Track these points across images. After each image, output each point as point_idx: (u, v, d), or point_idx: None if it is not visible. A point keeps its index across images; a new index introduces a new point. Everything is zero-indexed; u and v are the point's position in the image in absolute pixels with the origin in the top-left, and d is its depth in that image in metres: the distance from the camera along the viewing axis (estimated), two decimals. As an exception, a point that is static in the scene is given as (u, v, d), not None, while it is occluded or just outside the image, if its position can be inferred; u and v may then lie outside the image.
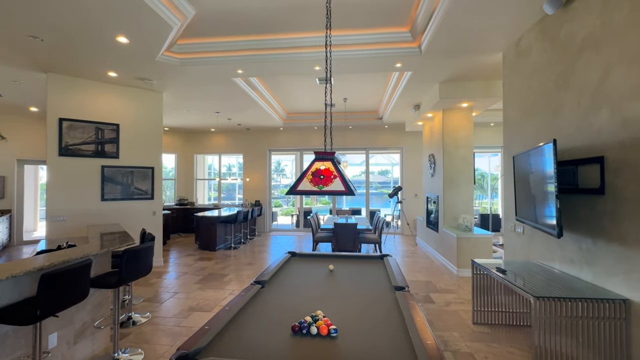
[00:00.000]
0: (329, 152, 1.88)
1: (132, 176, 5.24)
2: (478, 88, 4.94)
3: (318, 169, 1.86)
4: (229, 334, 1.59)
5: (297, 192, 1.79)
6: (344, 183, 1.75)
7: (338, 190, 1.74)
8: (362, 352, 1.39)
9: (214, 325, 1.61)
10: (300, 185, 1.81)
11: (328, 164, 1.87)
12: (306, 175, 1.84)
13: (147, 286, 4.41)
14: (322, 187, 1.78)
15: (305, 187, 1.79)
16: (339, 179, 1.78)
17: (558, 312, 2.13)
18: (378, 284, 2.37)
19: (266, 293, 2.19)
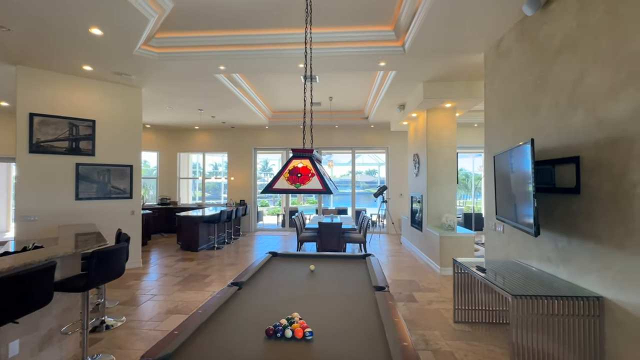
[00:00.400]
0: (307, 150, 1.83)
1: (109, 174, 5.05)
2: (461, 88, 4.99)
3: (295, 166, 1.81)
4: (201, 338, 1.52)
5: (273, 191, 1.73)
6: (321, 181, 1.71)
7: (316, 189, 1.69)
8: (337, 356, 1.35)
9: (183, 330, 1.53)
10: (276, 183, 1.75)
11: (306, 161, 1.82)
12: (283, 174, 1.78)
13: (123, 288, 4.25)
14: (299, 186, 1.72)
15: (281, 186, 1.74)
16: (316, 177, 1.73)
17: (535, 310, 2.15)
18: (359, 285, 2.34)
19: (243, 295, 2.12)
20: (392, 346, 1.38)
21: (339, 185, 17.63)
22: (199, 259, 5.97)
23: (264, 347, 1.44)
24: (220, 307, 1.87)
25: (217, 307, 1.84)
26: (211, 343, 1.47)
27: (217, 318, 1.74)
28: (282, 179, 1.76)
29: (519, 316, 2.15)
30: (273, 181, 1.76)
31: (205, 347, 1.43)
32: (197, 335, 1.54)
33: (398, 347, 1.36)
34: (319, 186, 1.69)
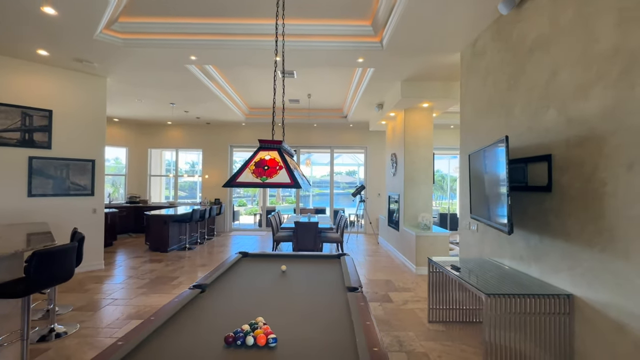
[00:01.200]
0: (275, 141, 1.70)
1: (68, 169, 4.67)
2: (438, 88, 5.01)
3: (262, 159, 1.67)
4: (150, 348, 1.35)
5: (237, 185, 1.59)
6: (289, 174, 1.58)
7: (283, 182, 1.57)
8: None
9: (130, 339, 1.36)
10: (240, 176, 1.60)
11: (274, 153, 1.69)
12: (248, 166, 1.64)
13: (80, 292, 3.92)
14: (266, 179, 1.59)
15: (246, 179, 1.59)
16: (284, 170, 1.60)
17: (508, 308, 2.13)
18: (331, 286, 2.23)
19: (205, 299, 1.95)
20: (361, 352, 1.27)
21: (319, 185, 17.52)
22: (168, 260, 5.66)
23: (222, 356, 1.29)
24: (177, 312, 1.70)
25: (173, 313, 1.67)
26: (160, 354, 1.30)
27: (172, 325, 1.57)
28: (247, 172, 1.61)
29: (492, 315, 2.12)
30: (237, 174, 1.62)
31: (155, 358, 1.26)
32: (144, 345, 1.37)
33: (367, 352, 1.26)
34: (287, 179, 1.56)
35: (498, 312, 2.12)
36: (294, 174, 1.60)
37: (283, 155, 1.68)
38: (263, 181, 1.58)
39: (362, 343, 1.35)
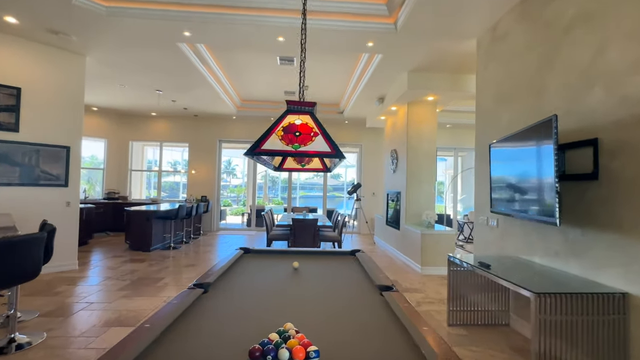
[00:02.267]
0: (306, 103, 1.37)
1: (39, 156, 4.13)
2: (445, 81, 4.82)
3: (292, 123, 1.33)
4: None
5: (262, 152, 1.24)
6: (328, 142, 1.25)
7: (322, 151, 1.24)
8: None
9: (118, 356, 0.98)
10: (266, 142, 1.26)
11: (306, 118, 1.36)
12: (275, 131, 1.29)
13: (49, 296, 3.41)
14: (299, 147, 1.25)
15: (273, 146, 1.25)
16: (321, 137, 1.27)
17: (558, 309, 1.87)
18: (357, 285, 1.90)
19: (210, 300, 1.58)
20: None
21: (304, 188, 17.12)
22: (151, 259, 5.16)
23: (249, 378, 0.94)
24: (178, 317, 1.33)
25: (174, 318, 1.30)
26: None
27: (174, 333, 1.20)
28: (274, 138, 1.27)
29: (541, 317, 1.85)
30: (261, 139, 1.27)
31: (154, 385, 0.90)
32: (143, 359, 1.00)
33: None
34: (326, 147, 1.23)
35: (548, 314, 1.86)
36: (333, 142, 1.27)
37: (318, 120, 1.34)
38: (296, 149, 1.24)
39: (431, 355, 1.04)
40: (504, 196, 2.81)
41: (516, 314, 2.89)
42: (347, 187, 15.74)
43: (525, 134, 2.43)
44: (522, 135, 2.48)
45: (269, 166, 1.87)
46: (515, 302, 2.92)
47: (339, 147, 1.30)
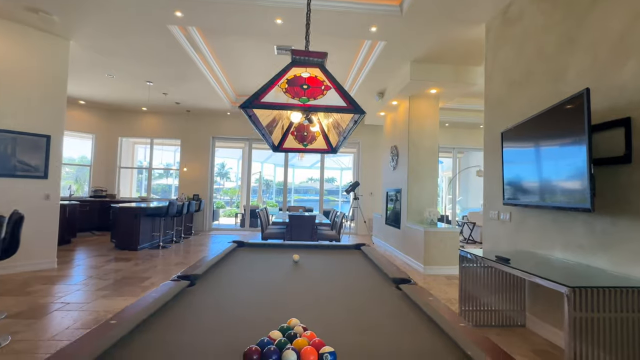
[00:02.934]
0: (315, 53, 1.13)
1: (15, 145, 3.82)
2: (449, 72, 4.64)
3: (298, 75, 1.09)
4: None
5: (262, 105, 1.00)
6: (343, 95, 1.02)
7: (336, 105, 1.00)
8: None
9: (72, 356, 0.73)
10: (267, 94, 1.02)
11: (315, 70, 1.12)
12: (277, 83, 1.05)
13: (20, 295, 3.09)
14: (307, 101, 1.01)
15: (276, 99, 1.01)
16: (334, 91, 1.03)
17: (596, 306, 1.65)
18: (369, 278, 1.67)
19: (197, 294, 1.33)
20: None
21: (298, 191, 16.80)
22: (137, 258, 4.85)
23: (245, 391, 0.70)
24: (156, 312, 1.07)
25: (150, 314, 1.04)
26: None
27: (149, 332, 0.94)
28: (277, 91, 1.03)
29: (577, 315, 1.63)
30: (261, 92, 1.03)
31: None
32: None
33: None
34: (340, 102, 1.00)
35: (584, 312, 1.64)
36: (349, 95, 1.03)
37: (330, 74, 1.11)
38: (304, 103, 1.00)
39: (480, 356, 0.80)
40: (520, 186, 2.61)
41: (533, 314, 2.68)
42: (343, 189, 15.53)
43: (548, 115, 2.23)
44: (544, 117, 2.28)
45: (268, 141, 1.63)
46: (532, 301, 2.71)
47: (356, 102, 1.06)
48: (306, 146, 1.77)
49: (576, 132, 1.93)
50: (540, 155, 2.34)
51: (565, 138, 2.05)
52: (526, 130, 2.52)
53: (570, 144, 2.00)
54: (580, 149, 1.88)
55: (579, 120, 1.88)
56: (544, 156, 2.29)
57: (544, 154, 2.29)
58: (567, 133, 2.03)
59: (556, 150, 2.15)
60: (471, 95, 6.49)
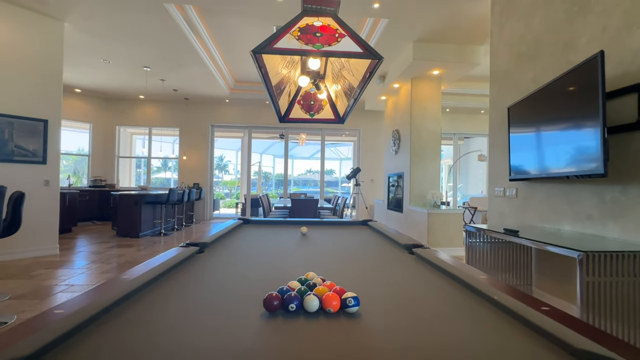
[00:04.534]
0: (328, 1, 1.08)
1: (12, 130, 3.75)
2: (452, 52, 4.57)
3: (310, 24, 1.04)
4: (130, 318, 0.69)
5: (274, 51, 0.95)
6: (358, 42, 0.97)
7: (351, 51, 0.96)
8: (441, 341, 0.64)
9: (67, 311, 0.70)
10: (279, 41, 0.97)
11: (327, 19, 1.07)
12: (289, 31, 1.00)
13: (24, 279, 3.07)
14: (322, 47, 0.97)
15: (289, 45, 0.96)
16: (349, 38, 0.98)
17: (608, 270, 1.64)
18: (380, 247, 1.64)
19: (209, 258, 1.30)
20: (530, 314, 0.70)
21: (297, 183, 16.72)
22: (139, 245, 4.83)
23: (268, 331, 0.67)
24: (169, 270, 1.05)
25: (162, 271, 1.01)
26: (148, 327, 0.66)
27: (163, 288, 0.92)
28: (289, 38, 0.98)
29: (590, 280, 1.61)
30: (273, 38, 0.98)
31: (136, 339, 0.62)
32: (118, 315, 0.72)
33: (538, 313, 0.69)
34: (356, 48, 0.95)
35: (599, 277, 1.63)
36: (365, 42, 0.98)
37: (343, 22, 1.06)
38: (318, 49, 0.95)
39: (504, 298, 0.78)
40: (528, 160, 2.58)
41: (541, 289, 2.68)
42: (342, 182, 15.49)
43: (560, 84, 2.19)
44: (554, 86, 2.24)
45: (275, 107, 1.59)
46: (539, 275, 2.71)
47: (373, 48, 1.02)
48: (313, 116, 1.73)
49: (589, 97, 1.89)
50: (550, 126, 2.30)
51: (577, 105, 2.01)
52: (535, 101, 2.48)
53: (583, 110, 1.96)
54: (593, 114, 1.84)
55: (592, 85, 1.84)
56: (555, 126, 2.25)
57: (555, 124, 2.25)
58: (580, 100, 1.99)
59: (567, 119, 2.11)
60: (472, 79, 6.42)
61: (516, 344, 0.63)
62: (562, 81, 2.17)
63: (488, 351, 0.60)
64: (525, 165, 2.62)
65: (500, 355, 0.59)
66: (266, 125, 8.36)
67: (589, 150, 1.89)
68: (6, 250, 3.66)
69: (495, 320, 0.74)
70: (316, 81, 1.60)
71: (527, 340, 0.64)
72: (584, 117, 1.94)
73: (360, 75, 1.17)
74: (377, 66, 1.04)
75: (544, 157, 2.38)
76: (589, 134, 1.89)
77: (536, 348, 0.61)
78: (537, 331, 0.66)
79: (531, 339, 0.64)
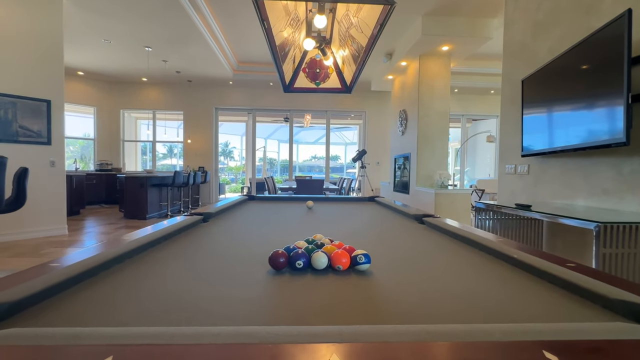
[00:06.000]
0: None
1: (15, 110, 3.73)
2: (462, 26, 4.38)
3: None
4: (121, 279, 0.66)
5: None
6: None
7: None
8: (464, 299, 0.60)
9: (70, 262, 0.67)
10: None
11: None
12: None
13: (34, 257, 3.11)
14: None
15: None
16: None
17: (627, 242, 1.58)
18: (390, 218, 1.60)
19: (214, 225, 1.27)
20: (551, 268, 0.65)
21: (302, 169, 16.66)
22: (147, 226, 4.86)
23: (275, 288, 0.63)
24: (171, 234, 1.02)
25: (168, 233, 0.98)
26: (148, 282, 0.63)
27: (166, 250, 0.89)
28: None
29: (607, 252, 1.56)
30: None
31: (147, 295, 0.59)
32: (116, 274, 0.69)
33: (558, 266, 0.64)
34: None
35: (615, 249, 1.57)
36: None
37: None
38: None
39: (523, 255, 0.73)
40: (542, 134, 2.48)
41: (550, 265, 2.63)
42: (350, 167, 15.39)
43: (579, 50, 2.07)
44: (573, 53, 2.12)
45: (280, 74, 1.52)
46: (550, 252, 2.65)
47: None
48: (319, 85, 1.66)
49: (613, 62, 1.77)
50: (568, 96, 2.20)
51: (599, 72, 1.90)
52: (552, 72, 2.36)
53: (605, 76, 1.85)
54: (616, 79, 1.73)
55: (617, 48, 1.73)
56: (573, 96, 2.14)
57: (573, 94, 2.14)
58: (602, 66, 1.88)
59: (587, 87, 2.00)
60: (482, 57, 6.20)
61: (542, 299, 0.58)
62: (583, 46, 2.04)
63: (520, 308, 0.56)
64: (539, 140, 2.53)
65: (527, 310, 0.55)
66: (270, 108, 8.25)
67: (610, 119, 1.79)
68: (16, 230, 3.71)
69: (519, 278, 0.69)
70: (322, 46, 1.52)
71: (554, 295, 0.60)
72: (606, 84, 1.84)
73: (370, 30, 1.09)
74: (389, 14, 0.97)
75: (561, 130, 2.28)
76: (610, 102, 1.79)
77: (566, 302, 0.57)
78: (565, 286, 0.61)
79: (559, 294, 0.60)
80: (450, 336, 0.39)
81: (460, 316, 0.51)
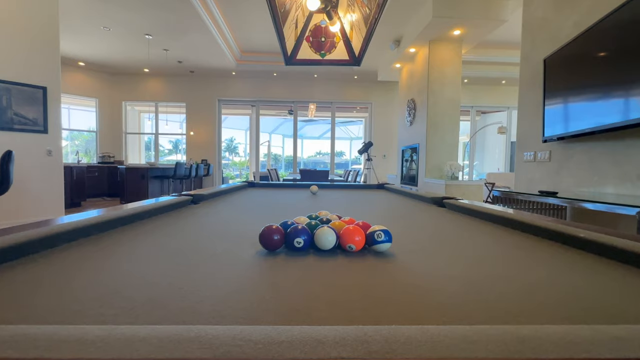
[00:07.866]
0: None
1: (10, 96, 3.60)
2: (476, 7, 4.13)
3: None
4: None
5: None
6: None
7: None
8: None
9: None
10: None
11: None
12: None
13: (28, 247, 2.99)
14: None
15: None
16: None
17: (675, 231, 1.38)
18: (405, 203, 1.43)
19: (201, 208, 1.11)
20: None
21: (307, 165, 16.48)
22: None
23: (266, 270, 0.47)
24: (153, 211, 0.86)
25: (143, 210, 0.82)
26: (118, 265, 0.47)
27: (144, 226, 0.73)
28: None
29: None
30: None
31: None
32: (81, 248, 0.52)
33: None
34: None
35: (661, 236, 1.37)
36: None
37: None
38: None
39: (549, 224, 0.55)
40: (568, 115, 2.27)
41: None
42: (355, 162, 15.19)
43: (612, 19, 1.85)
44: (606, 23, 1.90)
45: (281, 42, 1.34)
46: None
47: None
48: (324, 56, 1.49)
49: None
50: (598, 72, 1.99)
51: (635, 42, 1.69)
52: (580, 47, 2.15)
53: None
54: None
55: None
56: (604, 72, 1.93)
57: (604, 69, 1.93)
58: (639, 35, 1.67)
59: (621, 60, 1.79)
60: (494, 46, 5.95)
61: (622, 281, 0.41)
62: (618, 15, 1.83)
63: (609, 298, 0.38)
64: (564, 123, 2.32)
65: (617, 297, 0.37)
66: (274, 99, 8.07)
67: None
68: (12, 220, 3.61)
69: (587, 261, 0.52)
70: (328, 8, 1.34)
71: None
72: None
73: None
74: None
75: (590, 110, 2.07)
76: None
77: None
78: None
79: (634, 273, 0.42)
80: (553, 346, 0.22)
81: (534, 310, 0.34)
